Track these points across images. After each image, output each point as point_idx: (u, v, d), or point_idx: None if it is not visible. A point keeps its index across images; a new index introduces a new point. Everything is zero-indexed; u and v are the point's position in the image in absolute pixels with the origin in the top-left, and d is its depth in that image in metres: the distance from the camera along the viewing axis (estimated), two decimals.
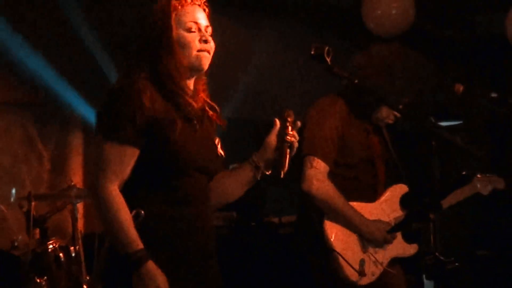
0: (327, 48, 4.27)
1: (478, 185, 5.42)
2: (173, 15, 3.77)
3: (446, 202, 5.23)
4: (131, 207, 3.62)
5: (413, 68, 5.11)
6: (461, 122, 7.16)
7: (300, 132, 4.06)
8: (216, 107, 3.91)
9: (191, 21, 3.80)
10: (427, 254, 5.41)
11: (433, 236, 5.28)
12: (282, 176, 3.74)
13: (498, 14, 8.09)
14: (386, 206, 5.22)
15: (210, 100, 3.92)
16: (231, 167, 6.46)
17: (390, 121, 5.22)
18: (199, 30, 3.79)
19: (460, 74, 8.29)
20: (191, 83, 3.85)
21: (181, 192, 3.73)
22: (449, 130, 5.54)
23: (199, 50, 3.77)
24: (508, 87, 9.26)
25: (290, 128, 3.77)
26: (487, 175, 5.46)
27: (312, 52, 4.31)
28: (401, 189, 5.32)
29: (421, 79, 5.14)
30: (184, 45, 3.77)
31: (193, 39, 3.77)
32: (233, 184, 3.98)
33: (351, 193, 5.01)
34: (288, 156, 3.77)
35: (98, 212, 3.56)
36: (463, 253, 8.36)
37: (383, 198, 5.23)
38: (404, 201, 5.30)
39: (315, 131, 4.95)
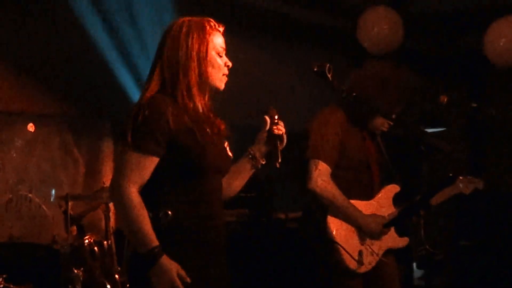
0: (328, 65, 4.33)
1: (461, 186, 5.42)
2: (209, 39, 3.75)
3: (434, 201, 5.24)
4: (153, 208, 3.62)
5: (403, 81, 5.13)
6: (445, 129, 7.15)
7: (305, 138, 4.12)
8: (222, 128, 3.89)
9: (221, 47, 3.79)
10: (419, 246, 5.41)
11: (423, 231, 5.28)
12: (278, 166, 3.78)
13: (477, 34, 8.07)
14: (380, 204, 5.25)
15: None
16: None
17: (384, 129, 5.26)
18: (225, 55, 3.80)
19: (444, 86, 8.25)
20: (203, 97, 3.82)
21: (201, 192, 3.71)
22: (435, 136, 5.56)
23: (223, 74, 3.78)
24: (486, 98, 9.24)
25: (277, 122, 3.81)
26: (468, 177, 5.46)
27: (315, 69, 4.35)
28: (394, 188, 5.36)
29: (410, 91, 5.15)
30: (215, 68, 3.76)
31: (222, 63, 3.77)
32: (234, 177, 3.98)
33: (350, 192, 5.05)
34: (279, 147, 3.82)
35: (119, 213, 3.57)
36: (447, 244, 8.34)
37: (378, 196, 5.27)
38: (396, 200, 5.32)
39: (319, 137, 5.01)
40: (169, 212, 3.62)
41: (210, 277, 3.80)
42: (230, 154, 3.87)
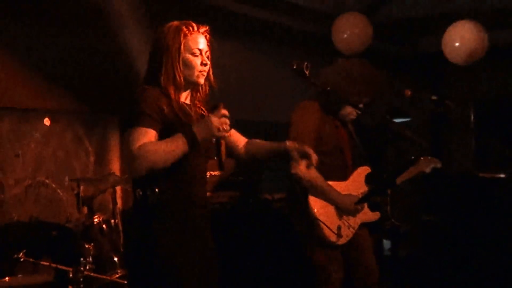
0: (305, 63, 4.37)
1: (422, 165, 5.43)
2: (183, 41, 3.76)
3: (399, 179, 5.24)
4: (141, 186, 3.65)
5: (367, 74, 5.15)
6: (409, 119, 7.15)
7: (286, 129, 4.14)
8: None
9: (196, 48, 3.78)
10: (385, 220, 5.42)
11: (390, 206, 5.28)
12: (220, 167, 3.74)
13: (436, 36, 8.06)
14: (354, 184, 5.27)
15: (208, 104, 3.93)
16: None
17: (353, 117, 5.28)
18: (201, 54, 3.79)
19: (408, 81, 8.23)
20: (187, 93, 3.87)
21: (185, 172, 3.73)
22: (400, 125, 5.54)
23: (200, 71, 3.79)
24: (444, 91, 9.23)
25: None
26: (428, 157, 5.46)
27: (294, 67, 4.38)
28: (365, 170, 5.37)
29: (375, 83, 5.18)
30: (189, 66, 3.77)
31: (196, 62, 3.78)
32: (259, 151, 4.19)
33: (327, 174, 5.06)
34: (222, 149, 3.77)
35: (152, 166, 3.50)
36: (412, 218, 8.33)
37: (351, 177, 5.28)
38: (368, 179, 5.33)
39: (298, 127, 5.04)
40: (156, 190, 3.61)
41: (195, 250, 3.79)
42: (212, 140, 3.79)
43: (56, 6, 6.47)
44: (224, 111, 3.66)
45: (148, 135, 3.54)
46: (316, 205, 5.02)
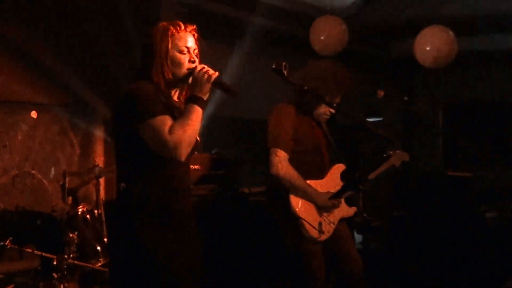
0: (284, 63, 4.37)
1: (393, 160, 5.44)
2: (170, 40, 3.73)
3: (372, 175, 5.26)
4: (126, 180, 3.65)
5: (339, 74, 5.14)
6: (381, 118, 7.18)
7: (265, 129, 4.15)
8: None
9: (184, 46, 3.75)
10: (357, 214, 5.43)
11: (362, 201, 5.29)
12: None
13: (408, 40, 8.11)
14: (331, 181, 5.25)
15: None
16: (213, 151, 6.45)
17: (327, 116, 5.26)
18: (189, 52, 3.75)
19: (381, 83, 8.26)
20: (176, 90, 3.84)
21: (169, 167, 3.71)
22: (373, 124, 5.57)
23: (187, 68, 3.74)
24: (415, 93, 9.27)
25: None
26: (397, 151, 5.47)
27: (274, 67, 4.39)
28: (340, 167, 5.35)
29: (346, 82, 5.16)
30: (177, 64, 3.74)
31: (184, 59, 3.74)
32: None
33: (306, 173, 5.05)
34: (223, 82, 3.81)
35: (188, 146, 3.58)
36: (383, 213, 8.36)
37: (328, 175, 5.25)
38: (343, 176, 5.35)
39: (276, 129, 5.01)
40: (140, 184, 3.59)
41: (178, 242, 3.76)
42: (197, 138, 3.77)
43: (47, 5, 6.43)
44: (199, 66, 3.73)
45: (168, 121, 3.54)
46: (297, 204, 5.02)
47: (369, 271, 5.49)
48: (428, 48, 7.87)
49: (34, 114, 6.82)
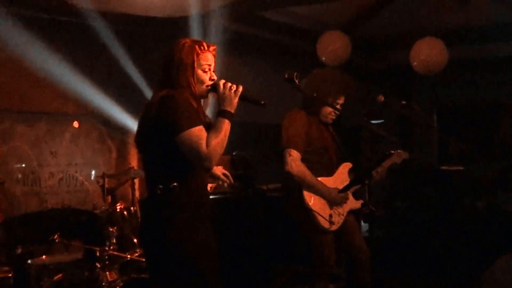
0: (295, 73, 4.38)
1: (395, 158, 5.40)
2: (196, 58, 3.70)
3: (375, 172, 5.23)
4: (165, 181, 3.61)
5: (340, 79, 5.23)
6: (382, 120, 7.15)
7: (278, 131, 4.18)
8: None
9: (206, 64, 3.73)
10: (364, 206, 5.39)
11: (368, 194, 5.25)
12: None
13: (405, 50, 8.08)
14: (339, 178, 5.26)
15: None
16: (233, 153, 6.41)
17: (333, 117, 5.30)
18: (209, 70, 3.74)
19: (381, 89, 8.20)
20: (199, 103, 3.79)
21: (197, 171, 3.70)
22: (375, 125, 5.52)
23: (206, 85, 3.73)
24: (411, 97, 9.23)
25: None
26: (399, 150, 5.44)
27: (286, 76, 4.42)
28: (347, 165, 5.37)
29: (346, 86, 5.24)
30: (200, 81, 3.71)
31: (205, 78, 3.72)
32: None
33: (316, 171, 5.08)
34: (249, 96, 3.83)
35: (219, 157, 3.59)
36: (386, 205, 8.32)
37: (337, 173, 5.27)
38: (350, 173, 5.33)
39: (289, 131, 5.03)
40: (175, 184, 3.58)
41: (206, 233, 3.76)
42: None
43: (82, 33, 6.45)
44: (221, 81, 3.69)
45: (203, 133, 3.53)
46: (310, 198, 5.03)
47: (374, 254, 5.47)
48: (422, 58, 7.86)
49: (76, 124, 6.86)
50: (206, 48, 3.76)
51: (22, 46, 6.36)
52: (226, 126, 3.60)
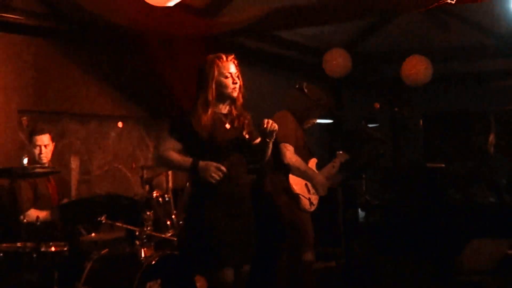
0: (305, 83, 4.42)
1: (338, 158, 5.50)
2: (216, 69, 3.81)
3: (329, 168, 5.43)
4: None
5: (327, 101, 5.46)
6: (377, 124, 7.14)
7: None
8: (245, 122, 3.99)
9: (227, 72, 3.82)
10: (361, 196, 5.40)
11: (365, 186, 5.27)
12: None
13: (396, 65, 8.08)
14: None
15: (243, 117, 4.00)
16: None
17: (310, 126, 5.46)
18: (231, 76, 3.82)
19: (376, 98, 8.17)
20: (226, 105, 3.91)
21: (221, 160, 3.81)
22: (372, 129, 5.53)
23: (232, 88, 3.83)
24: (401, 105, 9.16)
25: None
26: (340, 152, 5.55)
27: (297, 86, 4.46)
28: (314, 160, 5.40)
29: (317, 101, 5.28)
30: (224, 86, 3.81)
31: (228, 82, 3.81)
32: None
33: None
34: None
35: (167, 167, 4.37)
36: (381, 195, 8.29)
37: (309, 165, 5.31)
38: (345, 166, 5.46)
39: (284, 128, 4.99)
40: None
41: (227, 218, 3.84)
42: (246, 135, 3.92)
43: (127, 40, 6.46)
44: (223, 168, 3.75)
45: (173, 142, 3.86)
46: (294, 182, 5.09)
47: (369, 237, 5.48)
48: (411, 72, 7.86)
49: (120, 124, 6.89)
50: (224, 59, 3.86)
51: (75, 55, 6.42)
52: (186, 164, 3.81)
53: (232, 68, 3.86)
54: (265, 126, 3.77)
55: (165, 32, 6.24)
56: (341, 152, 5.51)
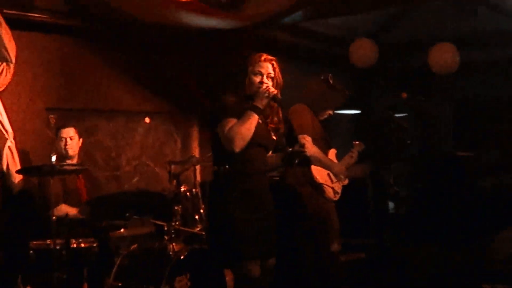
0: (330, 75, 4.40)
1: (356, 148, 5.46)
2: (250, 67, 3.84)
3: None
4: (218, 164, 3.81)
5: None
6: (406, 114, 7.04)
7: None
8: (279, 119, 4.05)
9: (258, 70, 3.85)
10: (390, 187, 5.35)
11: (392, 178, 5.22)
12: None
13: (422, 54, 7.95)
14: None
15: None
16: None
17: (327, 117, 5.39)
18: (261, 76, 3.84)
19: (404, 87, 8.04)
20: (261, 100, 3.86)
21: (249, 156, 3.82)
22: (400, 118, 5.45)
23: (258, 88, 3.82)
24: (430, 93, 9.04)
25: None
26: (357, 142, 5.50)
27: (322, 77, 4.43)
28: (333, 151, 5.40)
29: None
30: (251, 83, 3.84)
31: (256, 80, 3.83)
32: None
33: None
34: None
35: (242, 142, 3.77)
36: (409, 186, 8.20)
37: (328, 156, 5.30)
38: (335, 157, 5.38)
39: (302, 121, 5.06)
40: (223, 168, 3.76)
41: (251, 213, 3.84)
42: (273, 137, 3.97)
43: (154, 37, 6.43)
44: (262, 86, 3.80)
45: (233, 122, 3.73)
46: (317, 173, 5.06)
47: (398, 228, 5.43)
48: (438, 60, 7.73)
49: (147, 119, 6.87)
50: (262, 58, 3.89)
51: (102, 53, 6.40)
52: (251, 117, 3.71)
53: (266, 68, 3.88)
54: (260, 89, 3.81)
55: (192, 27, 6.21)
56: (357, 142, 5.47)
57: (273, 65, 3.91)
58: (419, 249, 6.54)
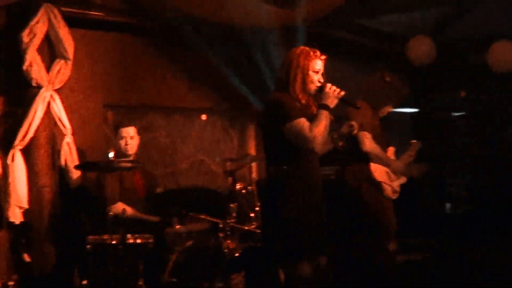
0: (386, 72, 4.34)
1: (414, 146, 5.31)
2: (310, 62, 3.81)
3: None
4: (276, 163, 3.79)
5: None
6: (464, 113, 6.87)
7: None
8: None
9: (318, 68, 3.83)
10: (449, 187, 5.23)
11: (452, 177, 5.11)
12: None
13: (481, 52, 7.73)
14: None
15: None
16: None
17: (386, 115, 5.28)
18: (319, 73, 3.83)
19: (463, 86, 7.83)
20: (307, 98, 3.89)
21: (303, 153, 3.83)
22: (458, 117, 5.31)
23: (316, 86, 3.85)
24: (489, 93, 8.79)
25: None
26: (415, 141, 5.36)
27: (379, 75, 4.35)
28: (392, 149, 5.29)
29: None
30: (311, 81, 3.80)
31: (316, 79, 3.81)
32: None
33: None
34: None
35: (322, 140, 3.76)
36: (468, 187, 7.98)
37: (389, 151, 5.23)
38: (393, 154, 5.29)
39: (360, 118, 4.82)
40: (285, 168, 3.75)
41: (311, 208, 3.81)
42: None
43: (210, 34, 6.40)
44: (327, 86, 3.80)
45: (305, 122, 3.69)
46: (376, 170, 4.96)
47: (456, 228, 5.32)
48: (498, 58, 7.53)
49: (204, 116, 6.88)
50: (318, 54, 3.85)
51: (160, 51, 6.44)
52: (325, 115, 3.73)
53: (320, 65, 3.86)
54: (327, 89, 3.80)
55: (246, 24, 6.17)
56: (415, 141, 5.35)
57: (323, 62, 3.89)
58: (476, 250, 6.40)
